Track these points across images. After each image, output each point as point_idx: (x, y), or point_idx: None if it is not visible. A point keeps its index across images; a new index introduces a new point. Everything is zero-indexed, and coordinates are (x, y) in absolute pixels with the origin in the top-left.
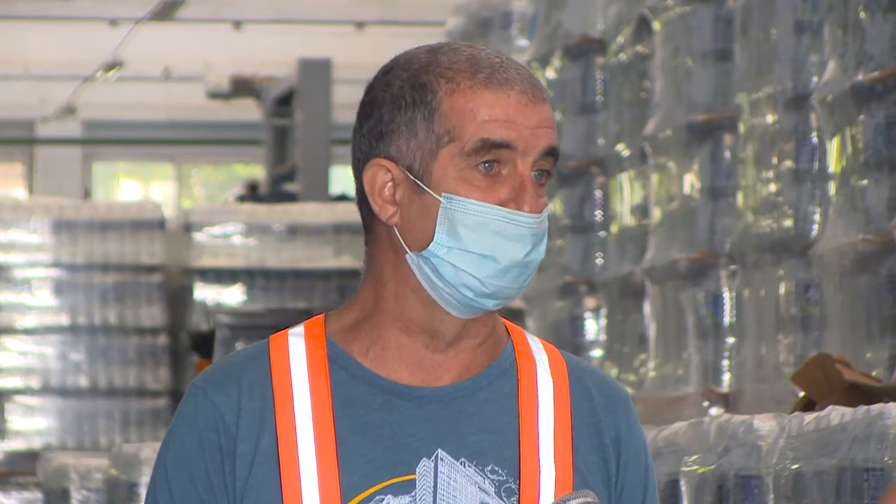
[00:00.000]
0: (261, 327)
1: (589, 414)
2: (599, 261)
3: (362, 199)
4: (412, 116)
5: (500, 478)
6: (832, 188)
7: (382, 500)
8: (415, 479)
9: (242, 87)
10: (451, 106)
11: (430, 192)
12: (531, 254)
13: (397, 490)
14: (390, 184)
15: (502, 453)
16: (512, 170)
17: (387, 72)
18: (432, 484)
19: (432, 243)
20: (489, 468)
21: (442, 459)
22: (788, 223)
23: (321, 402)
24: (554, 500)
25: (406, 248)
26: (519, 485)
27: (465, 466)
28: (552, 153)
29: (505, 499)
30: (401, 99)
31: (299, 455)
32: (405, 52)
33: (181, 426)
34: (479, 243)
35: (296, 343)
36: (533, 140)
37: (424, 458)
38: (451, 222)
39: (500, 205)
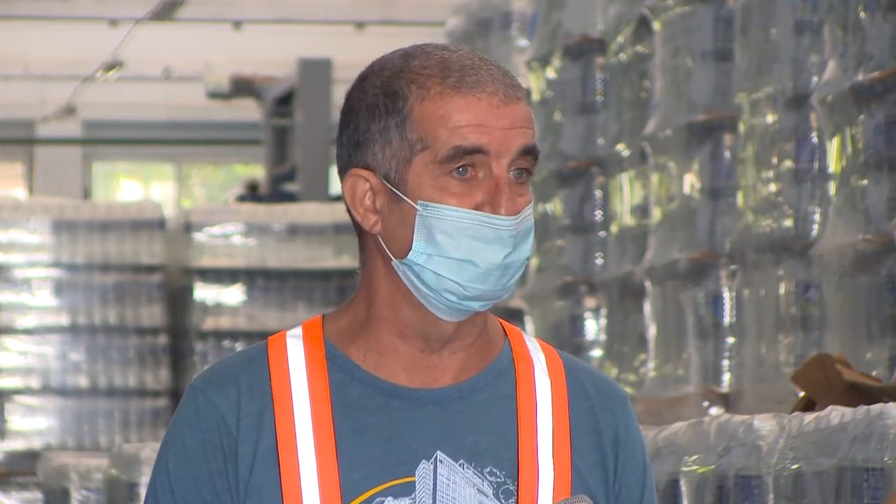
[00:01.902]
0: None
1: (587, 414)
2: (599, 261)
3: (349, 207)
4: (386, 124)
5: (499, 479)
6: (832, 188)
7: (382, 502)
8: (414, 482)
9: (242, 87)
10: (422, 112)
11: (406, 199)
12: (511, 255)
13: (397, 492)
14: (369, 192)
15: (501, 455)
16: (487, 173)
17: (363, 79)
18: (431, 486)
19: (411, 251)
20: (488, 470)
21: (441, 461)
22: (788, 223)
23: (320, 404)
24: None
25: (391, 255)
26: (517, 486)
27: (463, 468)
28: (530, 152)
29: (503, 500)
30: (375, 107)
31: (299, 456)
32: (381, 58)
33: (182, 427)
34: (457, 248)
35: (294, 345)
36: (506, 142)
37: (424, 460)
38: (428, 229)
39: (476, 208)
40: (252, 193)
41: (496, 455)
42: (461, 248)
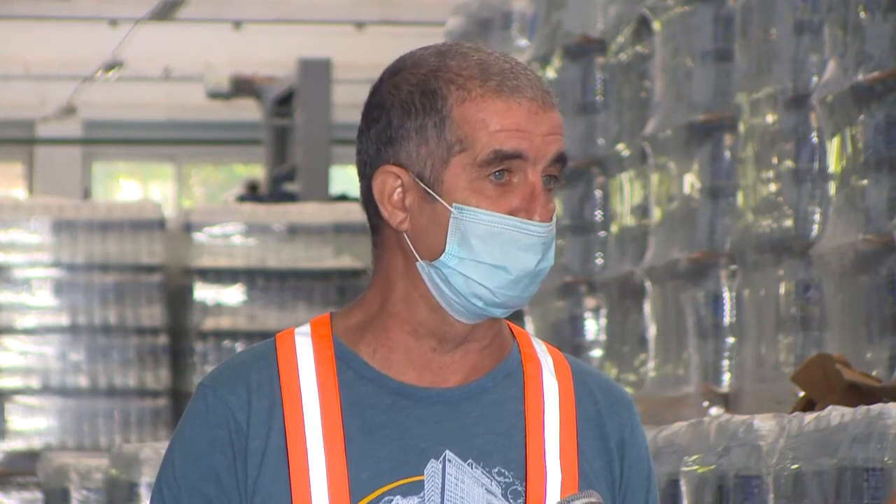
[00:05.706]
0: None
1: (594, 417)
2: (599, 261)
3: (369, 202)
4: (423, 123)
5: (507, 480)
6: (832, 188)
7: (391, 500)
8: (423, 481)
9: (242, 87)
10: (462, 114)
11: (441, 200)
12: (542, 262)
13: (406, 491)
14: (399, 189)
15: (508, 455)
16: (522, 178)
17: (395, 74)
18: (440, 485)
19: (444, 254)
20: (496, 470)
21: (450, 461)
22: (788, 223)
23: (329, 402)
24: (560, 500)
25: (417, 255)
26: (525, 487)
27: (472, 468)
28: (561, 159)
29: (511, 501)
30: (410, 104)
31: (308, 455)
32: (412, 54)
33: (191, 425)
34: (491, 254)
35: (303, 342)
36: (543, 148)
37: (432, 460)
38: (462, 233)
39: (511, 214)
40: (252, 193)
41: (504, 455)
42: (495, 254)
